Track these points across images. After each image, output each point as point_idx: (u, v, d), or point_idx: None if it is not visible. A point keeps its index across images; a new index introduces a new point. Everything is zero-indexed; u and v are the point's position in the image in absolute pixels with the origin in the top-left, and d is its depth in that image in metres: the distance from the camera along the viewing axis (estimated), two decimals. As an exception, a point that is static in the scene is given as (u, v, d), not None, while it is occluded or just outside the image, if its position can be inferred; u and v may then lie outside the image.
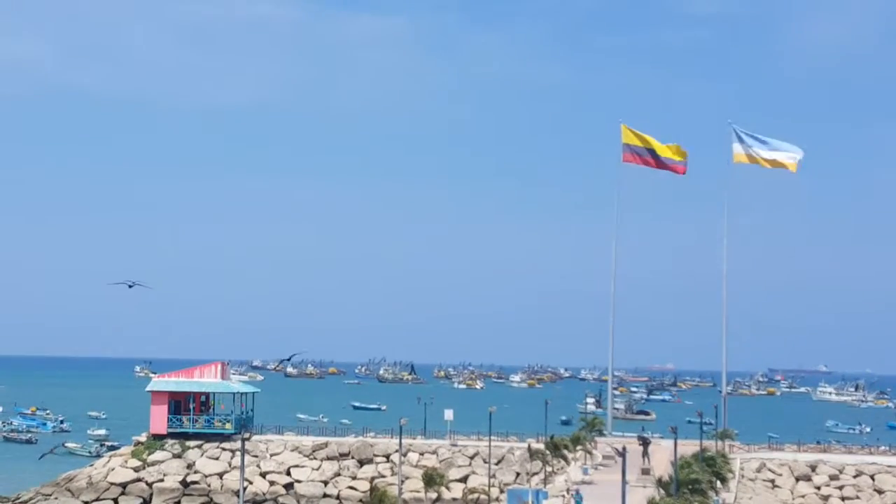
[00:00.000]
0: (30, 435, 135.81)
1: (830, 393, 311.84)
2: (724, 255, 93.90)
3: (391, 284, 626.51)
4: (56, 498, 78.20)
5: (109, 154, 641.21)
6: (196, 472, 80.00)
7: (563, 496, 58.34)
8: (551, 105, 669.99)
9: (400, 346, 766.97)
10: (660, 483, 51.99)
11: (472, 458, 79.47)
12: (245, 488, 71.88)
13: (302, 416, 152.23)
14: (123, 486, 79.12)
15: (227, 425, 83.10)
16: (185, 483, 79.15)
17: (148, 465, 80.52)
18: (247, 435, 69.25)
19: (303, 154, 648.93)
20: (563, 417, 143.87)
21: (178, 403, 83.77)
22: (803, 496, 73.44)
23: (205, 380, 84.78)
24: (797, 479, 75.00)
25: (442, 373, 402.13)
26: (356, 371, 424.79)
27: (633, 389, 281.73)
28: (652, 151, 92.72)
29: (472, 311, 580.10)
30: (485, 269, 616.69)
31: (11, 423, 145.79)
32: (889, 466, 76.48)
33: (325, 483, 78.76)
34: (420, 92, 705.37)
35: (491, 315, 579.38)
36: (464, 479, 76.60)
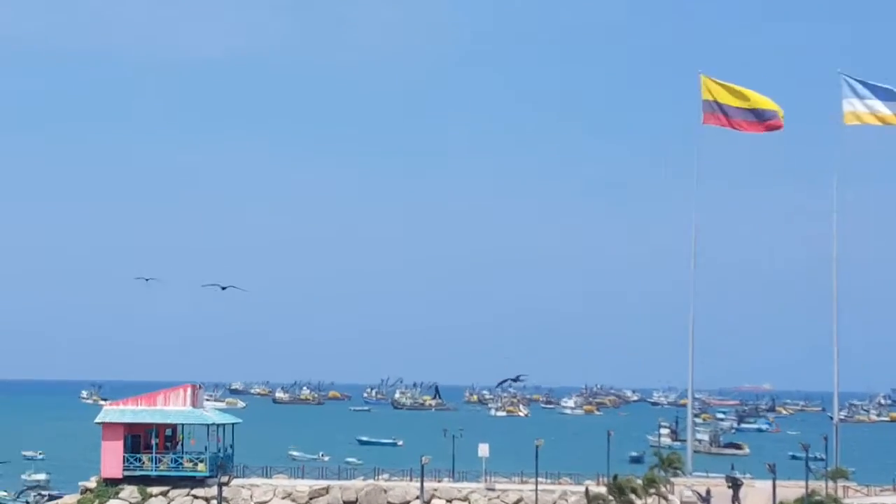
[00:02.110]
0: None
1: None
2: (833, 237, 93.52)
3: (405, 285, 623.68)
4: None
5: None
6: (161, 526, 79.21)
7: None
8: (614, 53, 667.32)
9: (420, 363, 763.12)
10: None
11: (513, 506, 79.02)
12: (224, 546, 72.01)
13: (296, 453, 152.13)
14: (69, 544, 79.13)
15: (200, 466, 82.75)
16: (147, 541, 78.68)
17: (100, 519, 79.57)
18: (225, 478, 69.68)
19: (287, 123, 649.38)
20: (633, 453, 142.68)
21: (138, 439, 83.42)
22: (940, 552, 73.04)
23: (171, 408, 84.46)
24: (932, 531, 74.60)
25: (475, 396, 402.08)
26: (364, 395, 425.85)
27: (720, 416, 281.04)
28: (740, 109, 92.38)
29: (512, 318, 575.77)
30: (523, 263, 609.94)
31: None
32: None
33: (326, 539, 78.72)
34: (435, 42, 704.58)
35: (535, 322, 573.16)
36: (503, 533, 76.39)
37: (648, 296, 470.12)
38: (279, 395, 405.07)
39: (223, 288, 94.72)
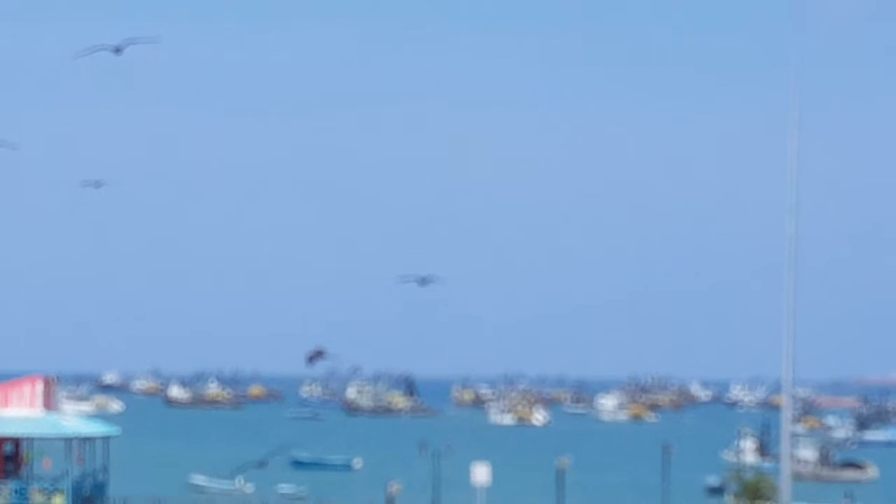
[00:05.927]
0: None
1: None
2: None
3: (352, 220, 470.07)
4: None
5: None
6: (-2, 588, 69.53)
7: None
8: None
9: (386, 343, 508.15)
10: None
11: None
12: None
13: (200, 478, 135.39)
14: None
15: (57, 500, 73.37)
16: None
17: None
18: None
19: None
20: (709, 480, 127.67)
21: (-40, 458, 75.34)
22: None
23: (11, 412, 75.09)
24: None
25: (468, 394, 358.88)
26: (303, 393, 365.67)
27: (832, 421, 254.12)
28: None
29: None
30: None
31: None
32: None
33: None
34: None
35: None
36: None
37: (724, 248, 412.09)
38: (175, 392, 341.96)
39: (420, 281, 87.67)
